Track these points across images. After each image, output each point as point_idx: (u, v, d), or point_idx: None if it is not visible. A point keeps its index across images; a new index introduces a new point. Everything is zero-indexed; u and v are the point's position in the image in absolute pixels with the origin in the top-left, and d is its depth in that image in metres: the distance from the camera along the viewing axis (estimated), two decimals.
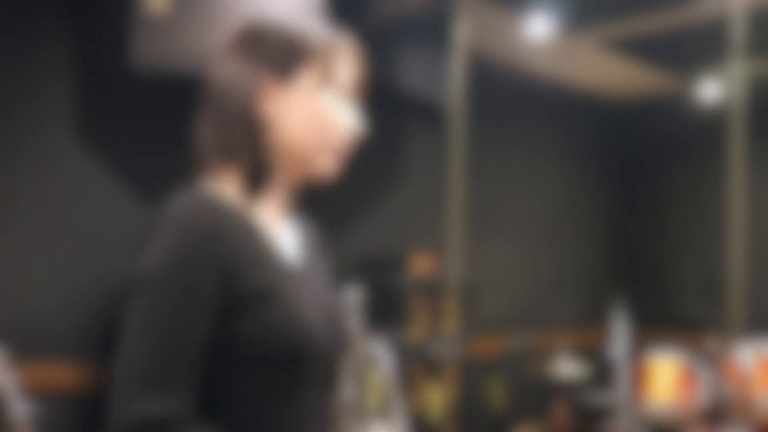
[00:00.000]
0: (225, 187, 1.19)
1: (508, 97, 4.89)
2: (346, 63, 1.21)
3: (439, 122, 4.27)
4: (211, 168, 1.20)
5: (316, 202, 1.37)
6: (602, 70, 5.12)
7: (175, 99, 1.23)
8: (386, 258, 4.24)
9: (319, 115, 1.19)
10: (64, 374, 3.11)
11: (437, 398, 4.18)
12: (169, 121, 1.20)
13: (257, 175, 1.17)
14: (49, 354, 3.09)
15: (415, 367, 4.17)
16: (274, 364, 1.10)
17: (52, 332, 3.12)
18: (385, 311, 4.11)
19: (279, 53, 1.18)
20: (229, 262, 1.09)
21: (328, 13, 2.87)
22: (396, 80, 4.00)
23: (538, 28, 4.23)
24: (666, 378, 3.79)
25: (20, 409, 2.23)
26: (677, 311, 5.19)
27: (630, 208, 5.82)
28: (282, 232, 1.23)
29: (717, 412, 3.66)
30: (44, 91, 3.17)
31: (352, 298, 1.21)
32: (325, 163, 1.21)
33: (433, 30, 4.15)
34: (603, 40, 4.55)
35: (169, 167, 1.22)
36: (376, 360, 1.19)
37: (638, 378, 3.79)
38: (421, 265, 4.29)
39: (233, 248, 1.10)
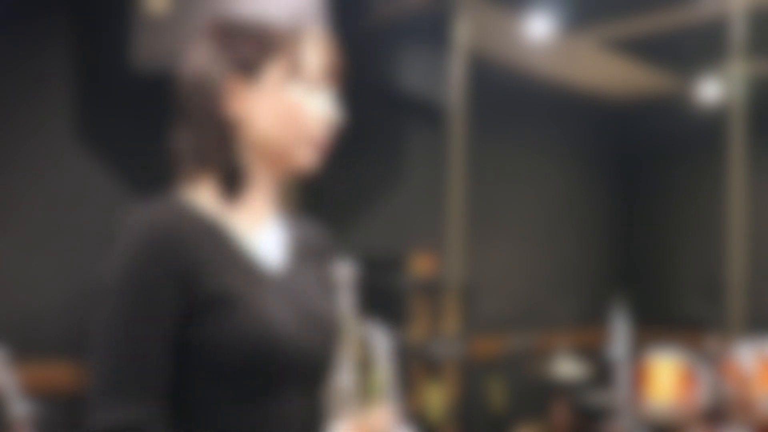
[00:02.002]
0: (201, 193, 1.16)
1: (508, 97, 4.89)
2: (314, 50, 1.18)
3: (439, 122, 4.27)
4: (188, 175, 1.17)
5: (316, 202, 1.36)
6: (602, 70, 5.12)
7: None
8: (386, 258, 4.24)
9: (290, 108, 1.15)
10: (64, 374, 3.11)
11: (437, 398, 4.18)
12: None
13: (232, 178, 1.15)
14: (49, 354, 3.09)
15: (415, 367, 4.17)
16: (243, 369, 1.08)
17: (52, 332, 3.12)
18: (385, 311, 4.10)
19: (244, 50, 1.15)
20: (188, 267, 1.07)
21: (328, 13, 2.87)
22: (396, 80, 3.99)
23: (538, 28, 4.23)
24: (666, 378, 3.79)
25: (20, 409, 2.23)
26: (677, 311, 5.19)
27: (630, 208, 5.82)
28: (264, 236, 1.20)
29: (717, 412, 3.66)
30: (44, 91, 3.17)
31: (345, 275, 1.16)
32: (304, 155, 1.18)
33: (433, 30, 4.15)
34: (603, 40, 4.55)
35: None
36: (371, 340, 1.15)
37: (638, 378, 3.79)
38: (421, 265, 4.29)
39: (193, 253, 1.08)
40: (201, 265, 1.09)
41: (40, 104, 3.16)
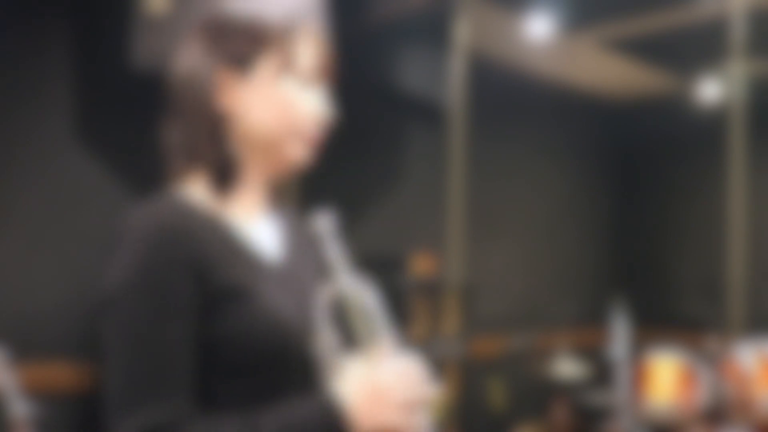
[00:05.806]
0: (194, 189, 1.16)
1: (508, 96, 4.89)
2: (308, 47, 1.17)
3: (439, 122, 4.27)
4: (179, 171, 1.17)
5: (316, 202, 1.36)
6: (602, 70, 5.12)
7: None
8: (386, 258, 4.24)
9: (282, 103, 1.15)
10: (64, 374, 3.11)
11: (437, 398, 4.17)
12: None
13: (224, 172, 1.15)
14: (49, 354, 3.09)
15: None
16: (254, 363, 1.08)
17: (52, 332, 3.12)
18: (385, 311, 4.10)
19: (236, 44, 1.14)
20: (198, 261, 1.06)
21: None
22: (396, 80, 3.99)
23: (538, 28, 4.23)
24: (666, 378, 3.79)
25: (20, 409, 2.23)
26: (677, 311, 5.19)
27: (630, 208, 5.82)
28: (259, 229, 1.20)
29: (717, 412, 3.66)
30: (44, 90, 3.17)
31: (324, 226, 1.14)
32: (295, 151, 1.17)
33: (433, 30, 4.15)
34: (603, 40, 4.55)
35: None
36: (358, 288, 1.12)
37: (638, 378, 3.79)
38: (421, 265, 4.29)
39: (201, 248, 1.08)
40: (209, 259, 1.08)
41: (40, 103, 3.16)
